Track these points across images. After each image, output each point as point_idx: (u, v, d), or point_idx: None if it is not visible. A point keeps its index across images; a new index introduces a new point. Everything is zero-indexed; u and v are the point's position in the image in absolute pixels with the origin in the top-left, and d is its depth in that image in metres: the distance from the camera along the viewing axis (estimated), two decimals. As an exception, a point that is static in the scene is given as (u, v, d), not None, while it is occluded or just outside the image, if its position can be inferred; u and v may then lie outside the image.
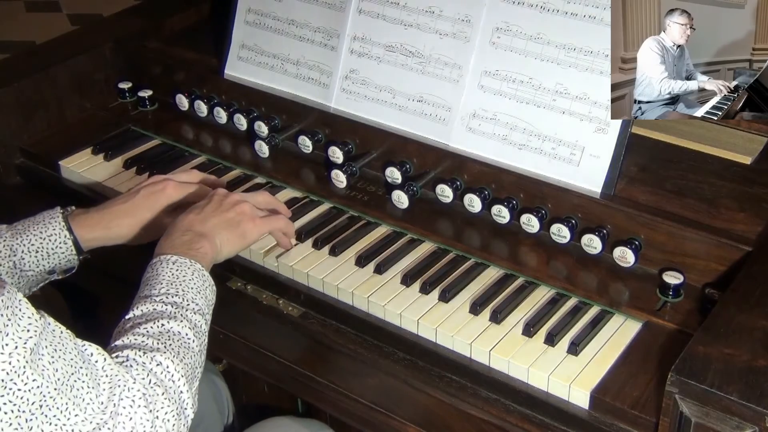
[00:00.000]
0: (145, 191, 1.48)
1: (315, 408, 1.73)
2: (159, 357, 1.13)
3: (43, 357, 0.96)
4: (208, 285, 1.29)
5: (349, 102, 1.71)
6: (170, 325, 1.18)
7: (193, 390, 1.17)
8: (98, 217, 1.44)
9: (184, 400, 1.14)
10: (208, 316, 1.27)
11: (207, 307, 1.27)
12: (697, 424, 1.09)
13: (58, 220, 1.41)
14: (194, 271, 1.27)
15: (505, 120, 1.54)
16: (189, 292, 1.24)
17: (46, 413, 0.96)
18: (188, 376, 1.16)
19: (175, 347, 1.16)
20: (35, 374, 0.94)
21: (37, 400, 0.95)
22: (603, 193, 1.45)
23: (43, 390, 0.95)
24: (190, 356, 1.18)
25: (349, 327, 1.43)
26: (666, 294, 1.36)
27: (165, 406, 1.10)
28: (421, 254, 1.51)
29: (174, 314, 1.20)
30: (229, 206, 1.41)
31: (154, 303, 1.21)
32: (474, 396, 1.31)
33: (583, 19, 1.47)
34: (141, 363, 1.11)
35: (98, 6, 4.60)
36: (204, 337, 1.24)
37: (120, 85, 2.00)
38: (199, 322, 1.22)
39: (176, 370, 1.14)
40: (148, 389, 1.09)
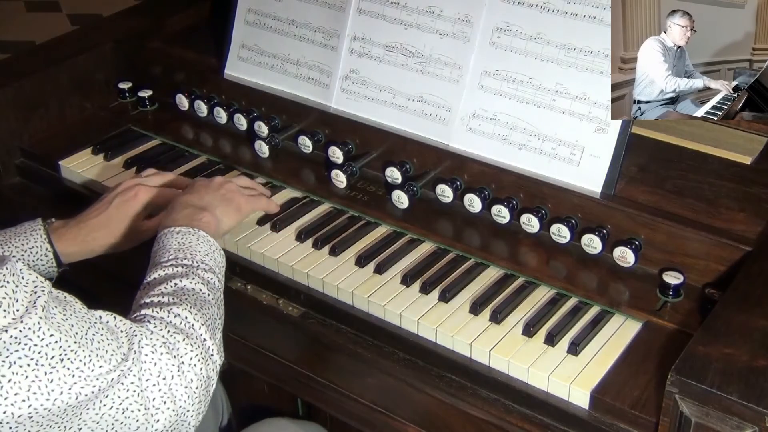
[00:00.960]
0: (117, 201, 1.48)
1: (315, 408, 1.73)
2: (176, 309, 1.16)
3: (56, 315, 0.98)
4: (215, 249, 1.33)
5: (349, 102, 1.71)
6: (183, 283, 1.22)
7: (216, 339, 1.20)
8: (76, 231, 1.45)
9: (208, 347, 1.16)
10: (220, 275, 1.30)
11: (217, 267, 1.30)
12: (697, 424, 1.09)
13: (40, 233, 1.41)
14: (199, 237, 1.31)
15: (505, 120, 1.54)
16: (197, 255, 1.28)
17: (68, 365, 0.98)
18: (208, 324, 1.18)
19: (191, 300, 1.19)
20: (52, 329, 0.97)
21: (57, 354, 0.97)
22: (603, 193, 1.45)
23: (63, 344, 0.98)
24: (207, 308, 1.21)
25: (349, 327, 1.43)
26: (666, 294, 1.36)
27: (189, 351, 1.12)
28: (421, 254, 1.51)
29: (185, 273, 1.24)
30: (217, 186, 1.48)
31: (165, 268, 1.24)
32: (474, 396, 1.31)
33: (583, 19, 1.47)
34: (159, 318, 1.15)
35: (98, 6, 4.60)
36: (219, 293, 1.27)
37: (120, 85, 2.00)
38: (211, 279, 1.26)
39: (195, 319, 1.17)
40: (168, 337, 1.12)
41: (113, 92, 2.01)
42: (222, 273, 1.32)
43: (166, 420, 1.09)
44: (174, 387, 1.10)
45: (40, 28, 4.73)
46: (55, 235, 1.43)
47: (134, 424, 1.07)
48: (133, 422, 1.06)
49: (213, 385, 1.18)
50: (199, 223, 1.35)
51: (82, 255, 1.46)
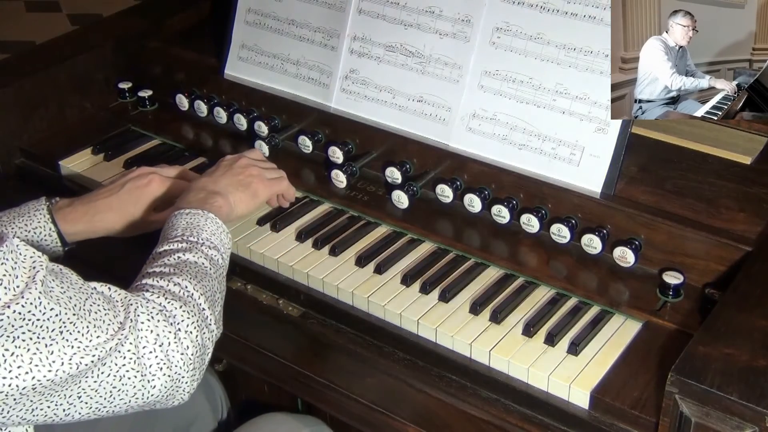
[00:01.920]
0: (130, 185, 1.48)
1: (315, 408, 1.73)
2: (176, 278, 1.18)
3: (54, 288, 1.00)
4: (223, 230, 1.33)
5: (349, 102, 1.71)
6: (186, 257, 1.23)
7: (216, 311, 1.22)
8: (82, 210, 1.45)
9: (206, 316, 1.18)
10: (225, 254, 1.32)
11: (223, 247, 1.32)
12: (697, 424, 1.09)
13: (43, 212, 1.41)
14: (207, 218, 1.32)
15: (505, 120, 1.54)
16: (204, 233, 1.29)
17: (67, 337, 1.00)
18: (207, 296, 1.20)
19: (192, 272, 1.21)
20: (51, 303, 0.99)
21: (56, 327, 0.99)
22: (603, 193, 1.45)
23: (62, 317, 1.00)
24: (208, 280, 1.23)
25: (349, 327, 1.43)
26: (666, 294, 1.36)
27: (185, 318, 1.14)
28: (421, 254, 1.51)
29: (189, 248, 1.25)
30: (239, 169, 1.47)
31: (171, 243, 1.26)
32: (474, 396, 1.31)
33: (583, 19, 1.47)
34: (159, 286, 1.17)
35: (98, 6, 4.60)
36: (221, 270, 1.29)
37: (120, 85, 2.00)
38: (215, 256, 1.28)
39: (195, 289, 1.18)
40: (165, 304, 1.13)
41: (113, 92, 2.01)
42: (227, 254, 1.33)
43: (162, 386, 1.12)
44: (170, 353, 1.12)
45: (40, 28, 4.73)
46: (59, 214, 1.43)
47: (131, 390, 1.09)
48: (130, 388, 1.09)
49: (208, 353, 1.20)
50: (211, 207, 1.36)
51: (87, 235, 1.46)
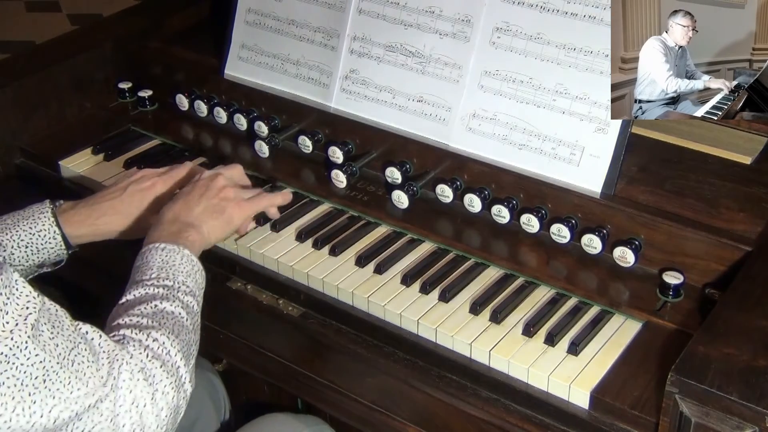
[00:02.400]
0: (132, 188, 1.48)
1: (315, 408, 1.73)
2: (155, 333, 1.15)
3: (44, 333, 0.98)
4: (197, 269, 1.31)
5: (349, 102, 1.71)
6: (163, 305, 1.20)
7: (190, 367, 1.19)
8: (86, 213, 1.45)
9: (182, 375, 1.16)
10: (199, 297, 1.29)
11: (197, 290, 1.29)
12: (697, 424, 1.09)
13: (47, 215, 1.41)
14: (183, 256, 1.29)
15: (505, 120, 1.54)
16: (179, 276, 1.26)
17: (49, 387, 0.98)
18: (184, 351, 1.18)
19: (169, 325, 1.18)
20: (38, 349, 0.96)
21: (40, 375, 0.97)
22: (603, 193, 1.45)
23: (46, 364, 0.98)
24: (185, 333, 1.20)
25: (349, 327, 1.43)
26: (666, 294, 1.36)
27: (164, 379, 1.12)
28: (421, 254, 1.51)
29: (166, 295, 1.22)
30: (214, 192, 1.43)
31: (146, 287, 1.23)
32: (474, 396, 1.31)
33: (583, 19, 1.47)
34: (138, 340, 1.14)
35: (98, 6, 4.60)
36: (197, 317, 1.26)
37: (120, 85, 2.00)
38: (191, 303, 1.25)
39: (172, 345, 1.16)
40: (146, 363, 1.11)
41: (113, 92, 2.01)
42: (201, 295, 1.30)
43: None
44: (145, 415, 1.09)
45: (40, 28, 4.73)
46: (63, 217, 1.42)
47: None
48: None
49: (181, 413, 1.17)
50: (185, 242, 1.32)
51: (90, 238, 1.45)
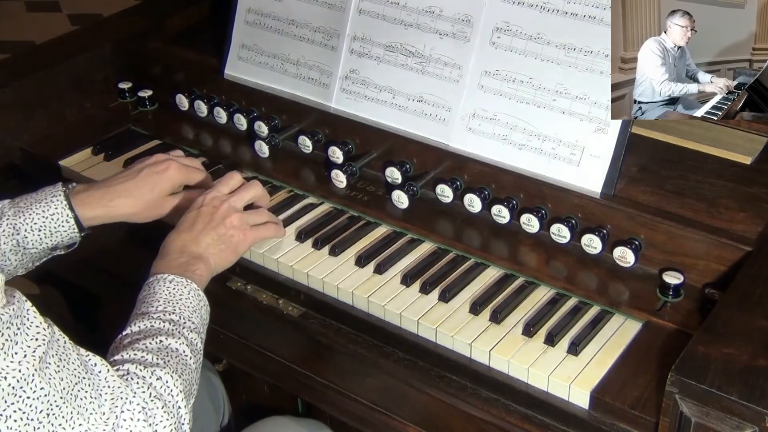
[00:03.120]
0: (147, 171, 1.49)
1: (315, 408, 1.73)
2: (159, 372, 1.14)
3: (50, 366, 0.97)
4: (203, 305, 1.30)
5: (349, 102, 1.71)
6: (168, 342, 1.19)
7: (189, 406, 1.18)
8: (99, 195, 1.45)
9: (182, 415, 1.15)
10: (203, 335, 1.28)
11: (202, 326, 1.29)
12: (697, 424, 1.09)
13: (60, 198, 1.42)
14: (190, 290, 1.28)
15: (505, 120, 1.54)
16: (185, 311, 1.25)
17: (53, 422, 0.97)
18: (186, 392, 1.17)
19: (173, 363, 1.17)
20: (43, 382, 0.95)
21: (44, 408, 0.96)
22: (603, 193, 1.45)
23: (50, 398, 0.96)
24: (188, 373, 1.20)
25: (349, 327, 1.43)
26: (666, 294, 1.36)
27: (164, 420, 1.11)
28: (421, 254, 1.51)
29: (172, 331, 1.21)
30: (219, 220, 1.41)
31: (152, 320, 1.22)
32: (474, 396, 1.31)
33: (583, 19, 1.47)
34: (141, 377, 1.12)
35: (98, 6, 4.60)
36: (200, 355, 1.26)
37: (120, 85, 2.00)
38: (195, 340, 1.24)
39: (175, 385, 1.15)
40: (148, 403, 1.10)
41: (113, 92, 2.01)
42: (204, 331, 1.29)
43: None
44: None
45: (40, 28, 4.73)
46: (76, 199, 1.43)
47: None
48: None
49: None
50: (193, 275, 1.31)
51: (103, 220, 1.46)
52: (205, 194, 1.45)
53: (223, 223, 1.40)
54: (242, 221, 1.43)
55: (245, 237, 1.43)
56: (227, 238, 1.40)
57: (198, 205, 1.43)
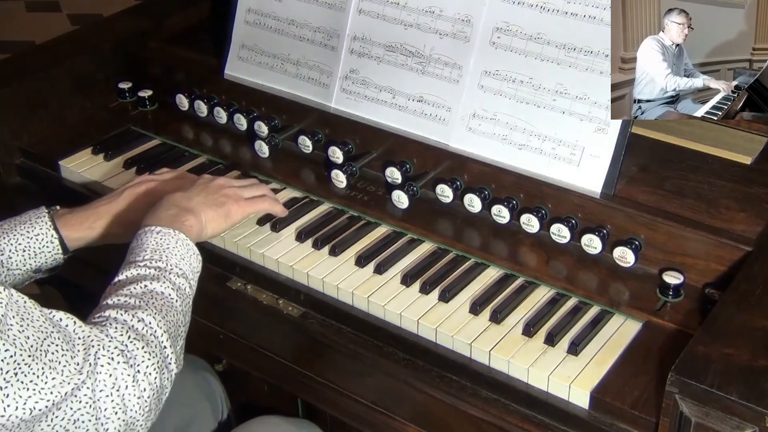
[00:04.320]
0: (128, 192, 1.50)
1: (315, 408, 1.73)
2: (140, 314, 1.16)
3: (12, 327, 0.98)
4: (193, 253, 1.32)
5: (349, 102, 1.71)
6: (153, 286, 1.21)
7: (177, 348, 1.20)
8: (84, 216, 1.46)
9: (167, 355, 1.17)
10: (192, 281, 1.30)
11: (191, 273, 1.30)
12: (697, 424, 1.09)
13: (45, 220, 1.42)
14: (178, 240, 1.30)
15: (505, 120, 1.54)
16: (173, 258, 1.27)
17: (22, 379, 0.99)
18: (171, 332, 1.19)
19: (157, 305, 1.19)
20: (7, 344, 0.97)
21: (11, 369, 0.97)
22: (603, 193, 1.45)
23: (17, 358, 0.98)
24: (173, 314, 1.21)
25: (349, 327, 1.43)
26: (666, 294, 1.36)
27: (146, 360, 1.12)
28: (421, 254, 1.51)
29: (157, 276, 1.23)
30: (215, 189, 1.46)
31: (138, 268, 1.24)
32: (474, 396, 1.31)
33: (583, 19, 1.47)
34: (122, 321, 1.14)
35: (98, 6, 4.61)
36: (188, 299, 1.27)
37: (120, 85, 2.00)
38: (182, 285, 1.26)
39: (158, 325, 1.16)
40: (127, 344, 1.11)
41: (113, 92, 2.01)
42: (195, 279, 1.31)
43: (115, 429, 1.10)
44: (127, 397, 1.10)
45: (40, 28, 4.73)
46: (60, 221, 1.43)
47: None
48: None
49: (166, 393, 1.17)
50: (182, 226, 1.34)
51: (87, 242, 1.46)
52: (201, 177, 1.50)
53: (217, 190, 1.45)
54: (236, 192, 1.48)
55: (239, 206, 1.47)
56: (220, 203, 1.44)
57: (198, 177, 1.49)
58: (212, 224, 1.42)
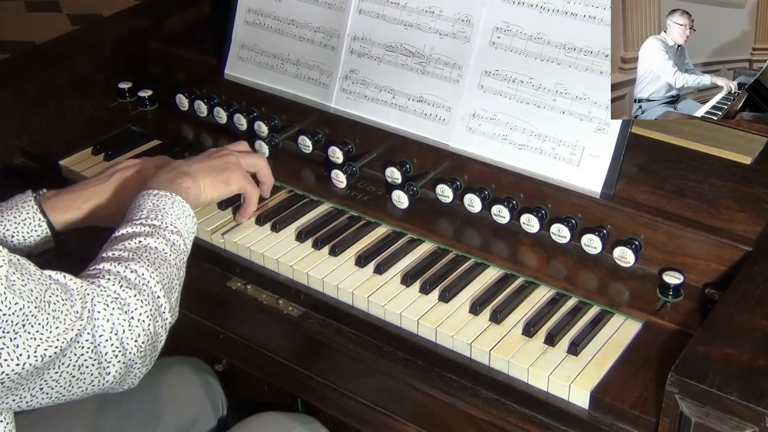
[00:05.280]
0: (119, 175, 1.50)
1: (315, 408, 1.73)
2: (133, 265, 1.19)
3: (16, 282, 1.01)
4: (188, 214, 1.34)
5: (349, 102, 1.71)
6: (147, 241, 1.25)
7: (172, 299, 1.23)
8: (71, 198, 1.46)
9: (161, 304, 1.20)
10: (187, 240, 1.33)
11: (186, 232, 1.33)
12: (697, 424, 1.09)
13: (31, 204, 1.42)
14: (174, 201, 1.33)
15: (505, 120, 1.54)
16: (168, 217, 1.30)
17: (29, 330, 1.02)
18: (164, 283, 1.22)
19: (150, 258, 1.23)
20: (15, 297, 1.00)
21: (20, 321, 1.01)
22: (603, 193, 1.45)
23: (25, 310, 1.01)
24: (166, 267, 1.24)
25: (349, 327, 1.43)
26: (666, 294, 1.36)
27: (138, 307, 1.16)
28: (421, 254, 1.51)
29: (151, 233, 1.26)
30: (216, 155, 1.49)
31: (134, 226, 1.27)
32: (474, 396, 1.31)
33: (583, 19, 1.47)
34: (115, 272, 1.18)
35: (98, 6, 4.61)
36: (183, 255, 1.30)
37: (120, 85, 2.00)
38: (177, 241, 1.29)
39: (151, 276, 1.20)
40: (119, 293, 1.15)
41: (113, 92, 2.01)
42: (190, 239, 1.34)
43: (117, 372, 1.14)
44: (125, 340, 1.14)
45: (40, 28, 4.73)
46: (47, 204, 1.43)
47: (89, 377, 1.12)
48: (87, 376, 1.12)
49: (161, 341, 1.22)
50: (179, 188, 1.36)
51: (76, 223, 1.46)
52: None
53: (219, 158, 1.48)
54: (239, 162, 1.50)
55: (238, 174, 1.49)
56: (220, 169, 1.46)
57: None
58: (210, 189, 1.44)
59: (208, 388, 1.76)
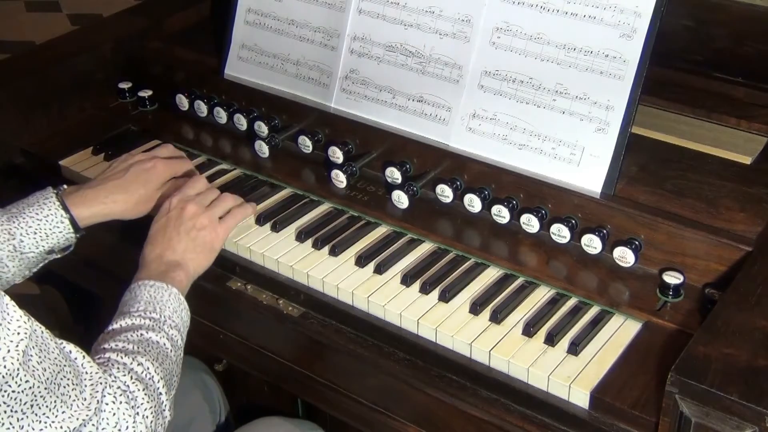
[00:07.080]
0: (135, 169, 1.52)
1: (315, 408, 1.73)
2: (140, 358, 1.17)
3: (32, 358, 0.98)
4: (183, 308, 1.33)
5: (349, 102, 1.71)
6: (149, 335, 1.23)
7: (170, 396, 1.21)
8: (93, 194, 1.47)
9: (162, 401, 1.18)
10: (183, 334, 1.31)
11: (183, 326, 1.31)
12: (697, 424, 1.09)
13: (53, 200, 1.42)
14: (171, 293, 1.31)
15: (505, 120, 1.54)
16: (166, 310, 1.28)
17: (36, 412, 0.99)
18: (166, 380, 1.20)
19: (153, 353, 1.21)
20: (27, 375, 0.97)
21: (29, 400, 0.98)
22: (603, 193, 1.45)
23: (35, 390, 0.98)
24: (168, 363, 1.22)
25: (349, 327, 1.43)
26: (666, 294, 1.36)
27: (144, 402, 1.14)
28: (421, 254, 1.51)
29: (152, 327, 1.24)
30: (189, 224, 1.42)
31: (133, 318, 1.25)
32: (474, 396, 1.31)
33: (583, 19, 1.47)
34: (123, 363, 1.15)
35: (98, 6, 4.60)
36: (180, 351, 1.28)
37: (120, 85, 2.00)
38: (175, 337, 1.27)
39: (156, 372, 1.18)
40: (129, 386, 1.13)
41: (113, 92, 2.01)
42: (185, 332, 1.32)
43: None
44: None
45: (40, 28, 4.73)
46: (69, 199, 1.44)
47: None
48: None
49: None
50: (173, 281, 1.34)
51: (99, 218, 1.47)
52: (170, 198, 1.47)
53: (193, 226, 1.43)
54: (210, 219, 1.45)
55: (217, 234, 1.45)
56: (200, 241, 1.42)
57: (165, 210, 1.45)
58: (201, 263, 1.42)
59: (204, 389, 1.75)
